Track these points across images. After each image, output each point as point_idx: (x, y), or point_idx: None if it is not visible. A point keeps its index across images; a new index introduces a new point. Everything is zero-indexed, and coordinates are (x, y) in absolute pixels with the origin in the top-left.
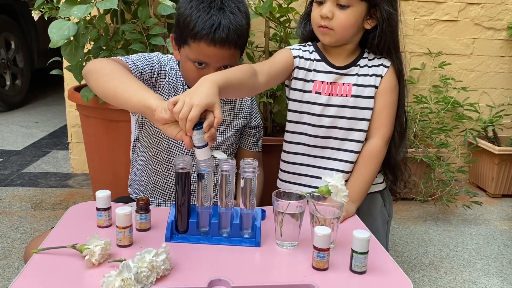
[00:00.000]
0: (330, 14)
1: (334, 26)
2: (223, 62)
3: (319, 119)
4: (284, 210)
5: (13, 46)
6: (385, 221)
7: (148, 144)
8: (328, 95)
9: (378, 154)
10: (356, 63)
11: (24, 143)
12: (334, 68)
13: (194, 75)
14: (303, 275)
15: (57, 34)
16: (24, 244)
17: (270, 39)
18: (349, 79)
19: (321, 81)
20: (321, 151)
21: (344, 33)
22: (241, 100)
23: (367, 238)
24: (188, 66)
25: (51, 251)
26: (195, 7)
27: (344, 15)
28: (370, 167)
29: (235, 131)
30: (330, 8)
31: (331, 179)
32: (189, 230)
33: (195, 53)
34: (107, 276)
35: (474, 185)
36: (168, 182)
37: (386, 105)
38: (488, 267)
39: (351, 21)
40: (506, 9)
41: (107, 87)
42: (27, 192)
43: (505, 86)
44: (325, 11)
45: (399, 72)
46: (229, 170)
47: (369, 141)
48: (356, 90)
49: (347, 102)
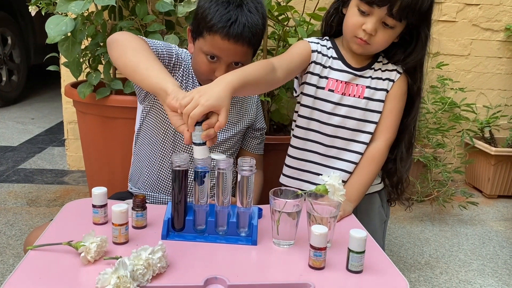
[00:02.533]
0: (374, 32)
1: (373, 42)
2: (235, 58)
3: (328, 117)
4: (281, 209)
5: (9, 41)
6: (383, 221)
7: (154, 136)
8: (341, 94)
9: (380, 157)
10: (371, 66)
11: (20, 139)
12: (350, 68)
13: (205, 68)
14: (300, 274)
15: (54, 30)
16: (19, 241)
17: (268, 37)
18: (363, 81)
19: (336, 79)
20: (327, 150)
21: (379, 48)
22: (247, 101)
23: (364, 238)
24: (200, 58)
25: (47, 248)
26: (214, 2)
27: (386, 35)
28: (371, 169)
29: (238, 131)
30: (375, 26)
31: (329, 178)
32: (185, 228)
33: (209, 46)
34: (102, 274)
35: (470, 186)
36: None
37: (393, 110)
38: (483, 267)
39: (390, 39)
40: (504, 11)
41: (129, 60)
42: (23, 189)
43: (502, 87)
44: (371, 28)
45: (418, 90)
46: (226, 168)
47: (373, 144)
48: (368, 92)
49: (358, 103)
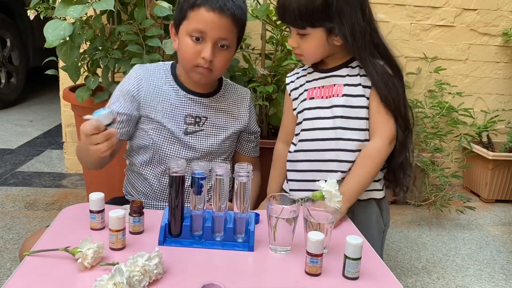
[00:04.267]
0: (294, 44)
1: (302, 52)
2: (220, 33)
3: (313, 123)
4: (277, 215)
5: (8, 43)
6: (381, 230)
7: (139, 151)
8: (320, 98)
9: (376, 154)
10: (347, 65)
11: (18, 142)
12: (323, 72)
13: (190, 51)
14: (296, 280)
15: (52, 34)
16: (17, 245)
17: (266, 41)
18: (340, 80)
19: (313, 87)
20: (321, 155)
21: (314, 56)
22: (238, 106)
23: (360, 244)
24: (185, 43)
25: (43, 254)
26: None
27: (307, 44)
28: (365, 167)
29: (229, 136)
30: (293, 39)
31: (325, 184)
32: (182, 234)
33: (194, 22)
34: (99, 280)
35: (468, 190)
36: (162, 184)
37: (380, 104)
38: (480, 272)
39: (315, 46)
40: (501, 15)
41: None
42: (21, 192)
43: (500, 92)
44: (290, 42)
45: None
46: (224, 174)
47: (369, 142)
48: (347, 89)
49: (338, 101)
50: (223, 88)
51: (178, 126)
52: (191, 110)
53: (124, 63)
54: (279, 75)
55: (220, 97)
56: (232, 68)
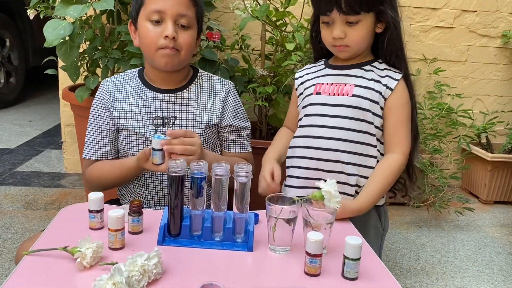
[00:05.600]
0: (342, 35)
1: (349, 43)
2: (179, 9)
3: (314, 119)
4: (277, 215)
5: (8, 43)
6: (379, 234)
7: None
8: (328, 95)
9: (396, 170)
10: (361, 66)
11: (17, 142)
12: (335, 69)
13: (152, 35)
14: (295, 280)
15: (52, 33)
16: (15, 244)
17: (266, 42)
18: (352, 80)
19: (321, 82)
20: (326, 153)
21: (360, 46)
22: (213, 99)
23: (360, 245)
24: (145, 29)
25: (42, 253)
26: None
27: (356, 32)
28: (386, 180)
29: (202, 130)
30: (341, 29)
31: (325, 184)
32: (181, 234)
33: (151, 4)
34: (98, 280)
35: (467, 192)
36: (155, 190)
37: (403, 121)
38: (479, 273)
39: (364, 34)
40: (500, 17)
41: (108, 185)
42: (19, 192)
43: (499, 93)
44: (337, 32)
45: (406, 76)
46: (223, 174)
47: (391, 155)
48: (358, 90)
49: (348, 101)
50: (198, 81)
51: (147, 129)
52: (159, 111)
53: (124, 63)
54: (278, 75)
55: (191, 91)
56: (232, 69)
